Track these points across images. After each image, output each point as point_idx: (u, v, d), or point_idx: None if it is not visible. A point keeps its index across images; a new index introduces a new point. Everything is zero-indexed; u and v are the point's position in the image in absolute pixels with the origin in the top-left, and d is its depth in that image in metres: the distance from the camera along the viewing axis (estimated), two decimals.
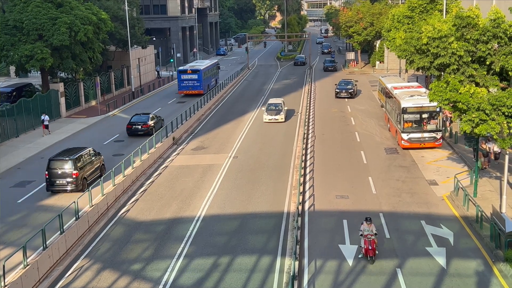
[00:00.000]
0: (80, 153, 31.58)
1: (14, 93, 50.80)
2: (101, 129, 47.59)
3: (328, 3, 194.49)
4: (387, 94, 47.01)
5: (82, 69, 54.41)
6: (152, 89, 69.14)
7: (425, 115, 37.52)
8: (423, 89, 42.13)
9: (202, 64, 66.72)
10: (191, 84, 61.95)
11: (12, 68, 66.24)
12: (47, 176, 30.52)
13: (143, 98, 63.19)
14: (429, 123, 37.35)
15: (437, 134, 37.28)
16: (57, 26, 46.68)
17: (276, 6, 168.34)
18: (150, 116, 44.70)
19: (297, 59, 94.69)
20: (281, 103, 49.23)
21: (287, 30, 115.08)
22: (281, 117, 47.91)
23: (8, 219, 27.24)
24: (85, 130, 47.18)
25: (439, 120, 37.43)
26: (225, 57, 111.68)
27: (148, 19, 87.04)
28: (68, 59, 49.64)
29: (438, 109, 36.58)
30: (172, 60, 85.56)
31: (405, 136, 37.29)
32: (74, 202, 25.58)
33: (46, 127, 44.74)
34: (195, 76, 61.95)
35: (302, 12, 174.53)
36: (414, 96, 38.99)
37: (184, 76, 62.29)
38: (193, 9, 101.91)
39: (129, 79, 66.87)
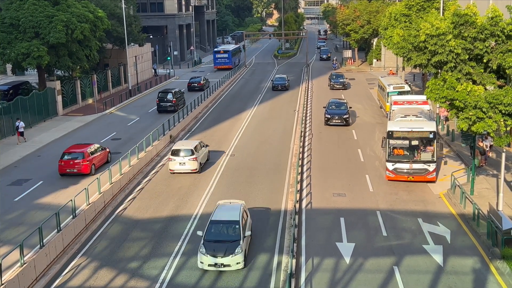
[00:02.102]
0: (175, 90, 53.86)
1: (10, 91, 50.67)
2: (98, 127, 47.51)
3: (325, 1, 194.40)
4: (385, 97, 46.79)
5: (78, 67, 54.31)
6: (149, 87, 69.02)
7: (415, 142, 30.86)
8: (427, 107, 36.07)
9: (230, 47, 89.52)
10: (223, 61, 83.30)
11: (9, 66, 66.25)
12: (157, 102, 52.12)
13: (140, 96, 63.08)
14: (422, 152, 30.61)
15: (429, 165, 30.18)
16: (54, 24, 46.55)
17: (273, 4, 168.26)
18: (202, 78, 66.35)
19: (277, 81, 65.47)
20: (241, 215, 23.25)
21: (284, 28, 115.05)
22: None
23: (5, 218, 27.18)
24: (82, 128, 47.08)
25: (434, 148, 30.56)
26: None
27: (145, 17, 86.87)
28: (65, 57, 49.52)
29: (432, 136, 30.39)
30: (169, 58, 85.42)
31: (390, 166, 30.61)
32: (71, 200, 25.54)
33: (21, 134, 41.32)
34: (226, 55, 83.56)
35: (299, 10, 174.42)
36: (407, 117, 32.52)
37: (218, 55, 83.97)
38: (190, 7, 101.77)
39: (126, 77, 66.75)
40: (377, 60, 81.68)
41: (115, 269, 22.13)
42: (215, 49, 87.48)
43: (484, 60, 29.65)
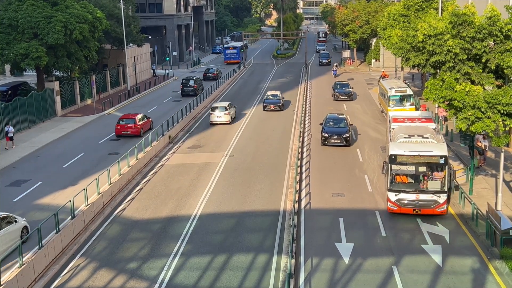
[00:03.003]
0: (196, 77, 64.89)
1: (9, 92, 50.63)
2: (96, 127, 47.49)
3: (324, 1, 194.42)
4: (387, 101, 46.05)
5: (77, 67, 54.29)
6: (148, 87, 69.02)
7: (423, 168, 25.83)
8: (433, 125, 31.10)
9: (238, 44, 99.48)
10: (232, 56, 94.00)
11: (8, 67, 66.19)
12: (181, 87, 62.62)
13: (139, 97, 63.10)
14: (430, 179, 25.77)
15: (439, 196, 25.47)
16: (52, 25, 46.52)
17: (272, 4, 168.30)
18: (216, 69, 77.80)
19: (268, 100, 53.54)
20: None
21: (283, 28, 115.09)
22: None
23: None
24: (80, 129, 47.06)
25: (445, 175, 25.63)
26: (220, 55, 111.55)
27: (143, 17, 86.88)
28: (64, 57, 49.50)
29: (443, 161, 25.52)
30: (168, 59, 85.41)
31: (392, 196, 25.88)
32: (70, 201, 25.53)
33: (11, 139, 40.12)
34: (235, 51, 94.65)
35: (297, 10, 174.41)
36: (411, 138, 27.48)
37: (228, 51, 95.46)
38: (189, 7, 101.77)
39: (125, 77, 66.70)
40: (376, 60, 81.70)
41: (114, 269, 22.12)
42: (225, 46, 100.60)
43: (483, 60, 29.64)
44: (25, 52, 45.86)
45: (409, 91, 46.35)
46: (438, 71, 33.07)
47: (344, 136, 38.56)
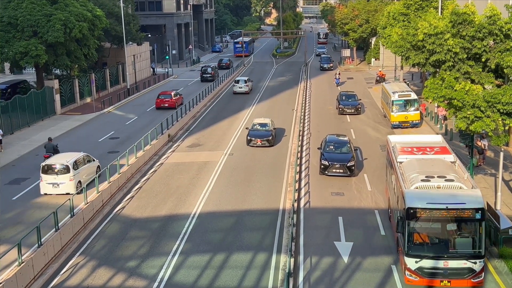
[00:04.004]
0: (212, 66, 76.35)
1: (8, 90, 50.58)
2: (96, 126, 47.48)
3: (324, 0, 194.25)
4: (390, 105, 44.12)
5: (77, 66, 54.26)
6: (148, 86, 68.99)
7: (453, 225, 19.13)
8: (451, 157, 23.94)
9: (246, 39, 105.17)
10: (241, 49, 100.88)
11: (7, 65, 66.15)
12: (201, 74, 73.27)
13: (138, 95, 63.05)
14: (462, 238, 19.16)
15: (475, 263, 18.85)
16: (52, 23, 46.48)
17: (272, 3, 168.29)
18: (229, 59, 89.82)
19: (254, 132, 40.01)
20: None
21: (282, 27, 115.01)
22: None
23: (3, 216, 27.14)
24: (80, 127, 47.04)
25: (483, 233, 18.89)
26: (220, 54, 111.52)
27: (143, 15, 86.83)
28: (63, 56, 49.46)
29: (479, 215, 18.69)
30: (167, 57, 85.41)
31: (411, 263, 19.27)
32: (69, 199, 25.51)
33: (0, 142, 38.91)
34: (243, 45, 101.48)
35: (297, 9, 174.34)
36: (431, 180, 20.53)
37: (237, 45, 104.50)
38: (189, 6, 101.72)
39: (124, 76, 66.68)
40: (376, 59, 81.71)
41: (113, 268, 22.11)
42: (235, 40, 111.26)
43: (483, 59, 29.68)
44: (24, 50, 45.83)
45: (414, 96, 43.47)
46: (438, 70, 33.13)
47: (348, 165, 31.67)
